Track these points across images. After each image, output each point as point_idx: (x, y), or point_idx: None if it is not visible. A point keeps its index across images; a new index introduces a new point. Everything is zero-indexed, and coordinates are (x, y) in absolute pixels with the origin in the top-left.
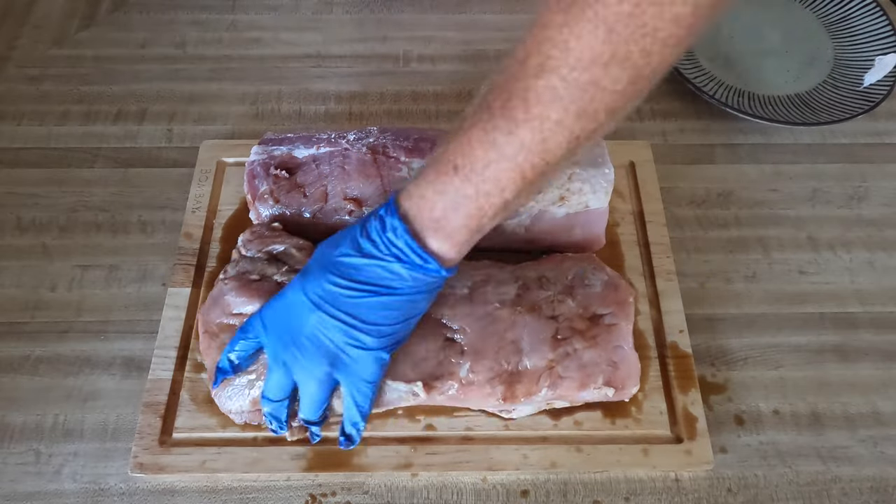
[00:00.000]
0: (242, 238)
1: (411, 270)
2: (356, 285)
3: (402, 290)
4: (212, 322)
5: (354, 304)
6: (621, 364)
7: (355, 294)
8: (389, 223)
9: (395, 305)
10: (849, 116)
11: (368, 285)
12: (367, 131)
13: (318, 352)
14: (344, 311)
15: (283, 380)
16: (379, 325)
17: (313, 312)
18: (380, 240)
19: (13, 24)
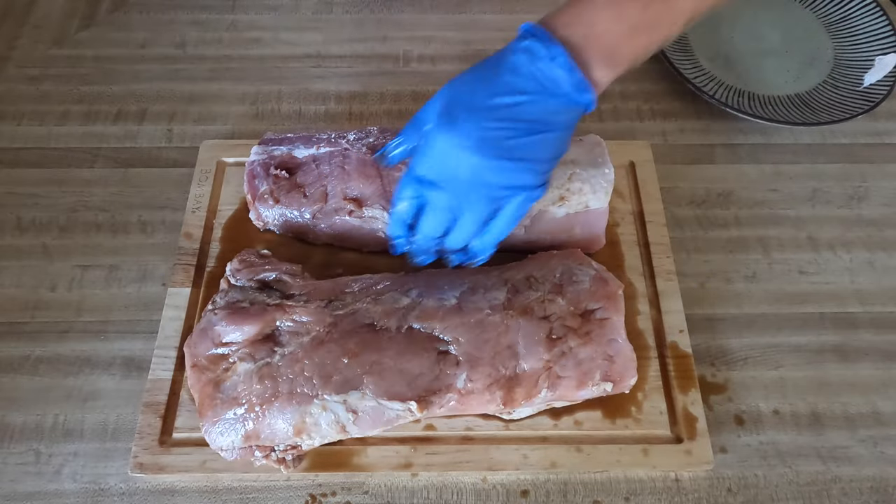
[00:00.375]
0: (231, 267)
1: (566, 103)
2: (516, 125)
3: (558, 125)
4: (200, 355)
5: (516, 145)
6: (617, 357)
7: (516, 133)
8: (545, 53)
9: (552, 141)
10: (849, 116)
11: (527, 123)
12: (367, 131)
13: (483, 195)
14: (506, 152)
15: (443, 221)
16: (540, 162)
17: (477, 157)
18: (530, 73)
19: (13, 24)
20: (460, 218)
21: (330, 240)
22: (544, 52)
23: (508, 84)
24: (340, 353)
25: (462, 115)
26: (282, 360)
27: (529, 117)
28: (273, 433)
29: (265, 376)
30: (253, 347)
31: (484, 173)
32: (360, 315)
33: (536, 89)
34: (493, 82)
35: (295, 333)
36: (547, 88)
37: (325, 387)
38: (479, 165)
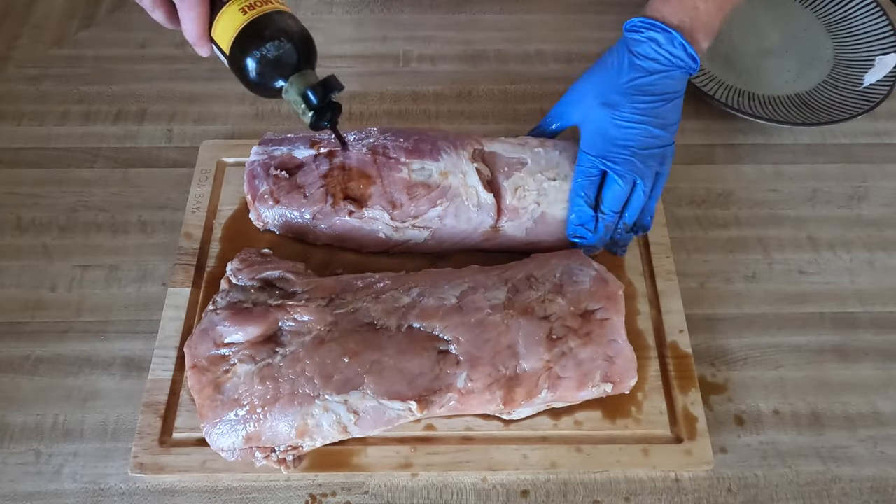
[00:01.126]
0: (231, 266)
1: (685, 72)
2: (660, 97)
3: (681, 91)
4: (201, 356)
5: (663, 111)
6: (617, 358)
7: (662, 103)
8: (666, 38)
9: (680, 104)
10: (849, 116)
11: (666, 94)
12: (368, 131)
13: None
14: (657, 119)
15: (626, 192)
16: (674, 124)
17: (640, 129)
18: (659, 55)
19: (13, 24)
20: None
21: (330, 240)
22: (665, 38)
23: (643, 68)
24: (341, 353)
25: (618, 99)
26: (283, 361)
27: (666, 89)
28: (275, 434)
29: (266, 377)
30: (254, 349)
31: (646, 139)
32: (360, 314)
33: (666, 67)
34: (632, 69)
35: (296, 333)
36: (673, 64)
37: (326, 387)
38: (641, 134)
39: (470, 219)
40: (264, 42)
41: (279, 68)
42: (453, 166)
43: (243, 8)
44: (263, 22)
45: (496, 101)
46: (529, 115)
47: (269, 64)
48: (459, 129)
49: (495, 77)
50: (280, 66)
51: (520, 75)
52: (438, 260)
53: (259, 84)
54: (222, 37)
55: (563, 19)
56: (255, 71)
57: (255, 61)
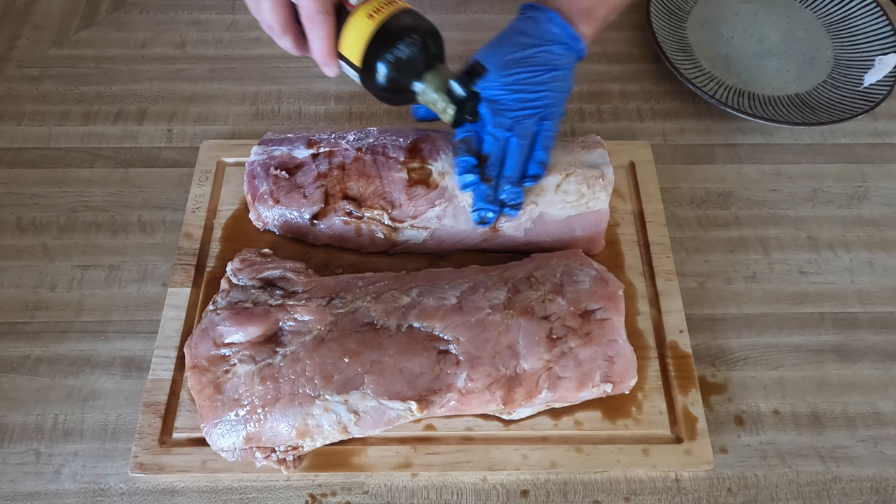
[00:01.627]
0: (232, 266)
1: (566, 48)
2: (533, 67)
3: (562, 65)
4: (201, 356)
5: (538, 78)
6: (617, 358)
7: (535, 72)
8: (543, 17)
9: (562, 77)
10: (849, 116)
11: (542, 66)
12: (367, 132)
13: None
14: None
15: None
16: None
17: (507, 91)
18: (537, 33)
19: (13, 24)
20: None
21: (329, 241)
22: (543, 17)
23: (522, 43)
24: (341, 353)
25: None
26: (283, 361)
27: (541, 62)
28: (275, 435)
29: (267, 377)
30: (254, 349)
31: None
32: (360, 314)
33: (543, 42)
34: (511, 44)
35: (297, 333)
36: (551, 40)
37: (327, 387)
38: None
39: (468, 219)
40: (398, 43)
41: (416, 67)
42: (451, 167)
43: (370, 14)
44: (393, 23)
45: None
46: None
47: (405, 65)
48: None
49: None
50: (416, 65)
51: None
52: (438, 260)
53: (397, 88)
54: (352, 48)
55: None
56: (392, 74)
57: (392, 65)
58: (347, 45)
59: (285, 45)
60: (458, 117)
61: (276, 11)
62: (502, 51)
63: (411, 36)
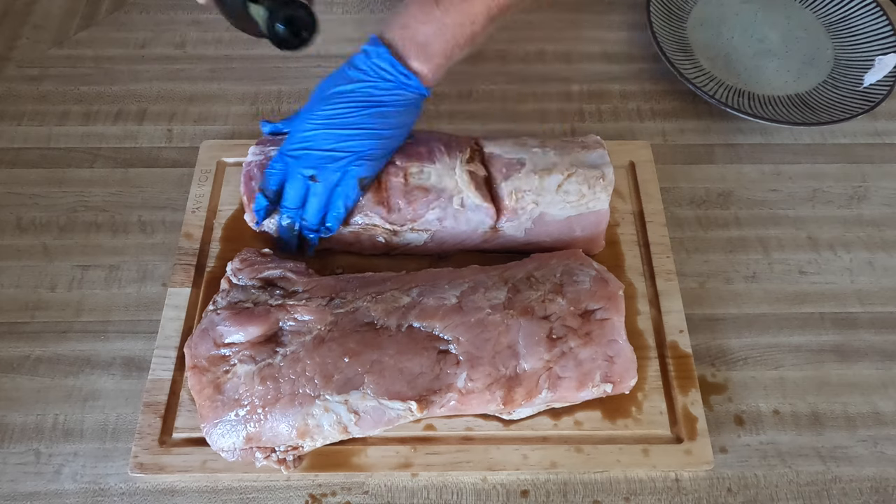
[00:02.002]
0: (232, 266)
1: (395, 86)
2: (354, 103)
3: (390, 102)
4: (201, 356)
5: (356, 117)
6: (617, 358)
7: (355, 109)
8: (374, 52)
9: (388, 114)
10: (849, 116)
11: (363, 101)
12: None
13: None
14: (348, 123)
15: (301, 189)
16: (376, 130)
17: (322, 132)
18: (366, 66)
19: (13, 24)
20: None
21: (326, 244)
22: (373, 51)
23: (349, 76)
24: (341, 353)
25: (314, 103)
26: (283, 361)
27: (365, 98)
28: (275, 435)
29: (267, 377)
30: (255, 349)
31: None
32: (360, 313)
33: (371, 77)
34: (339, 76)
35: (297, 333)
36: (380, 76)
37: (327, 387)
38: (323, 137)
39: (468, 220)
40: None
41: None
42: (452, 168)
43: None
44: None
45: (496, 101)
46: (529, 115)
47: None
48: (459, 130)
49: (495, 77)
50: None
51: (520, 75)
52: (439, 260)
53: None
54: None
55: (563, 19)
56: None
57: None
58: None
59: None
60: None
61: None
62: (330, 81)
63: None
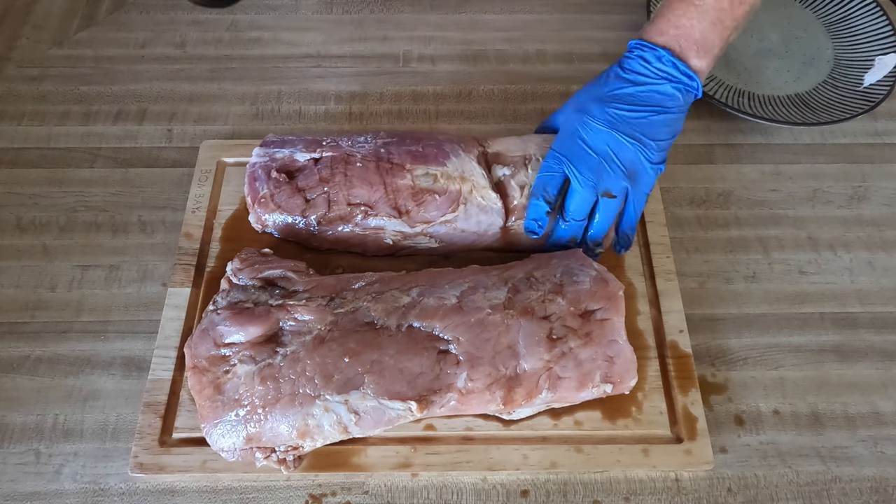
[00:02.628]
0: (232, 266)
1: (680, 89)
2: (640, 108)
3: (674, 108)
4: (201, 356)
5: (643, 124)
6: (617, 358)
7: (642, 115)
8: (653, 55)
9: (671, 122)
10: (849, 116)
11: (650, 106)
12: (371, 135)
13: (622, 168)
14: (636, 130)
15: (589, 200)
16: (660, 140)
17: (612, 137)
18: (647, 70)
19: (13, 24)
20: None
21: (333, 245)
22: (652, 56)
23: (626, 80)
24: (341, 353)
25: (594, 107)
26: (283, 361)
27: (650, 102)
28: (275, 435)
29: (267, 377)
30: (255, 349)
31: (618, 149)
32: (360, 313)
33: (655, 80)
34: (616, 81)
35: (297, 333)
36: (663, 77)
37: (327, 387)
38: (611, 140)
39: (480, 222)
40: None
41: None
42: (460, 170)
43: None
44: None
45: (496, 101)
46: (529, 115)
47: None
48: (460, 130)
49: (495, 77)
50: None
51: (520, 75)
52: (439, 259)
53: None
54: None
55: (563, 19)
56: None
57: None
58: None
59: None
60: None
61: None
62: (605, 87)
63: None
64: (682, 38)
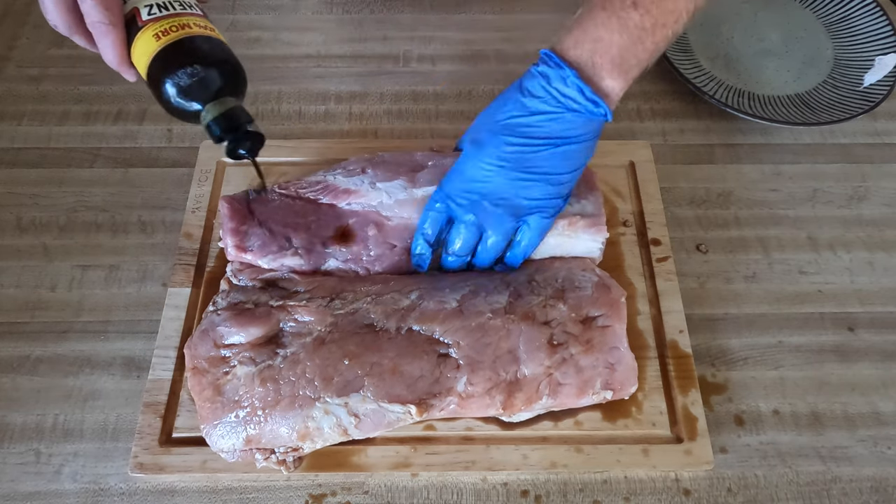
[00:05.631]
0: (232, 267)
1: (583, 117)
2: (535, 141)
3: (577, 139)
4: (201, 357)
5: (540, 158)
6: (618, 366)
7: (539, 148)
8: (557, 75)
9: (573, 154)
10: (849, 116)
11: (546, 139)
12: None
13: (508, 209)
14: (528, 166)
15: (472, 237)
16: (560, 174)
17: (500, 175)
18: (547, 94)
19: (13, 24)
20: (487, 234)
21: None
22: (556, 74)
23: (527, 106)
24: (341, 355)
25: (486, 138)
26: (283, 363)
27: (549, 133)
28: (275, 437)
29: (267, 379)
30: (255, 350)
31: (506, 188)
32: (359, 315)
33: (555, 108)
34: (514, 105)
35: (297, 334)
36: (564, 105)
37: (327, 389)
38: (501, 181)
39: None
40: (177, 69)
41: (193, 95)
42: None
43: (157, 34)
44: (177, 48)
45: None
46: None
47: (182, 91)
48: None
49: (495, 77)
50: (194, 93)
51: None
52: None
53: (175, 110)
54: (139, 63)
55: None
56: (169, 97)
57: (168, 88)
58: (136, 59)
59: (79, 42)
60: (232, 150)
61: (58, 12)
62: (503, 111)
63: (192, 66)
64: (597, 54)
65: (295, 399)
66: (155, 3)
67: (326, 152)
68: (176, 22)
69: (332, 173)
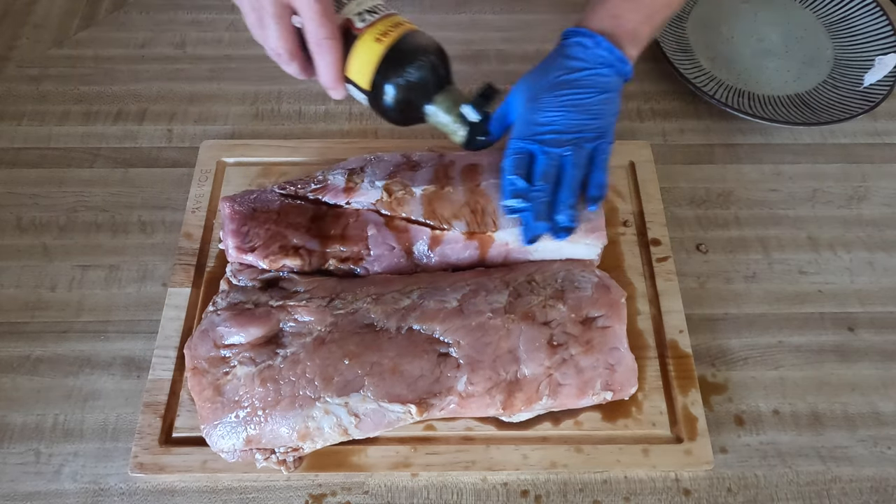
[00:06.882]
0: (232, 267)
1: (614, 70)
2: (586, 90)
3: (613, 88)
4: (201, 357)
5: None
6: (618, 367)
7: (588, 96)
8: (592, 41)
9: (612, 101)
10: (849, 116)
11: (594, 88)
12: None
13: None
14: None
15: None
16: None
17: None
18: (588, 55)
19: (13, 24)
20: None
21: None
22: (591, 42)
23: (569, 66)
24: (341, 355)
25: (543, 94)
26: (283, 363)
27: (593, 84)
28: (275, 437)
29: (267, 379)
30: (255, 350)
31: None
32: (359, 315)
33: (593, 65)
34: (559, 68)
35: (297, 334)
36: (601, 63)
37: (327, 389)
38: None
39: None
40: (407, 67)
41: (426, 90)
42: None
43: (377, 37)
44: (402, 47)
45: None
46: None
47: (415, 88)
48: None
49: (495, 77)
50: (427, 88)
51: (520, 75)
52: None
53: (407, 110)
54: (361, 72)
55: (563, 19)
56: (402, 98)
57: (402, 88)
58: (355, 70)
59: (291, 71)
60: (470, 138)
61: (282, 38)
62: (551, 74)
63: (421, 59)
64: (617, 28)
65: (295, 399)
66: (364, 10)
67: (326, 152)
68: (389, 22)
69: (333, 173)
